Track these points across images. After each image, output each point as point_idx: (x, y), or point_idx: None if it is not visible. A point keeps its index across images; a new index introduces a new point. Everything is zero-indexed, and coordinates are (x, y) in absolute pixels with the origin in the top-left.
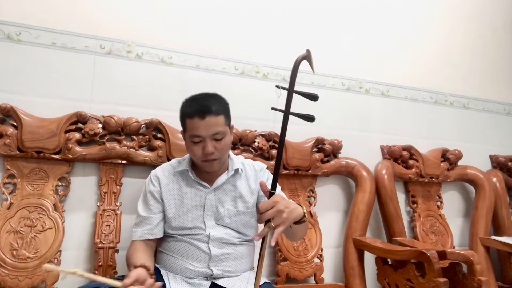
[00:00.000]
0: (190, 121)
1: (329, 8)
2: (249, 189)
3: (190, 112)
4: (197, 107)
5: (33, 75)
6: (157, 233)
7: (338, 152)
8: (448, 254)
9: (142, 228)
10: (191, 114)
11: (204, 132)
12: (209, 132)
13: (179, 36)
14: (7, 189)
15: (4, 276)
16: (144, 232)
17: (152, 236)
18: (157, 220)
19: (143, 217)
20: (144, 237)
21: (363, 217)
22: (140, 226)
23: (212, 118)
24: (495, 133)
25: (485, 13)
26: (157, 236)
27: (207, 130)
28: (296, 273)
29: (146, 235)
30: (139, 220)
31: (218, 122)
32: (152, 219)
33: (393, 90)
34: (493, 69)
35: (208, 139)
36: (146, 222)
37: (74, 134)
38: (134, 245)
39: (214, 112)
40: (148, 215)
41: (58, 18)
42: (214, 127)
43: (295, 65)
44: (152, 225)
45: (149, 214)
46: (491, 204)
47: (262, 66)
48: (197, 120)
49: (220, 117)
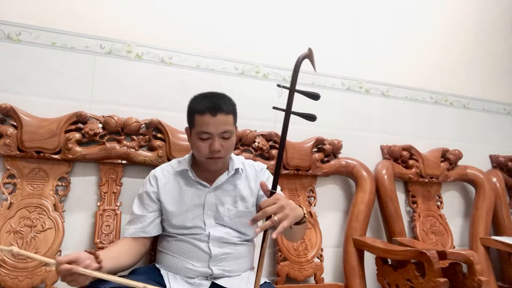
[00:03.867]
0: (200, 118)
1: (329, 8)
2: (249, 189)
3: (201, 108)
4: (209, 104)
5: (33, 75)
6: (150, 231)
7: (338, 152)
8: (448, 254)
9: (134, 226)
10: (202, 110)
11: (213, 129)
12: (218, 130)
13: (179, 36)
14: (7, 189)
15: (4, 276)
16: (136, 230)
17: (145, 234)
18: (150, 218)
19: (137, 215)
20: (136, 235)
21: (363, 217)
22: (133, 224)
23: (223, 117)
24: (495, 133)
25: (485, 13)
26: (150, 235)
27: (217, 127)
28: (296, 273)
29: (139, 233)
30: (133, 218)
31: (228, 121)
32: (146, 217)
33: (393, 90)
34: (493, 69)
35: (216, 136)
36: (140, 220)
37: (74, 134)
38: (119, 240)
39: (225, 111)
40: (142, 213)
41: (58, 18)
42: (224, 125)
43: (296, 64)
44: (145, 223)
45: (143, 213)
46: (491, 204)
47: (262, 66)
48: (208, 117)
49: (230, 116)
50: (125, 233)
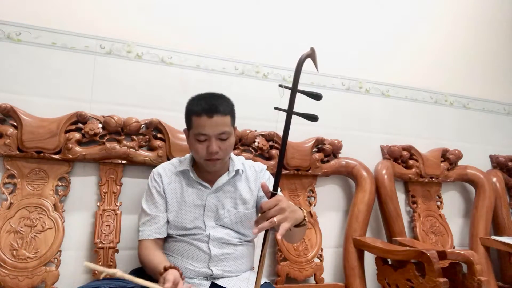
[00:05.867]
0: (197, 119)
1: (329, 8)
2: (249, 190)
3: (198, 110)
4: (205, 105)
5: (33, 75)
6: (163, 232)
7: (338, 152)
8: (448, 254)
9: (150, 227)
10: (199, 112)
11: (210, 131)
12: (215, 132)
13: (179, 36)
14: (7, 189)
15: (4, 276)
16: (152, 231)
17: (160, 236)
18: (164, 219)
19: (151, 216)
20: (152, 236)
21: (363, 217)
22: (148, 225)
23: (220, 118)
24: (495, 133)
25: (485, 13)
26: (163, 236)
27: (214, 129)
28: (296, 273)
29: (154, 234)
30: (147, 219)
31: (225, 122)
32: (159, 218)
33: (393, 90)
34: (493, 69)
35: (213, 138)
36: (154, 221)
37: (74, 134)
38: (144, 244)
39: (222, 112)
40: (155, 213)
41: (58, 18)
42: (221, 126)
43: (299, 64)
44: (159, 224)
45: (156, 213)
46: (491, 204)
47: (262, 66)
48: (205, 119)
49: (227, 118)
50: (140, 235)
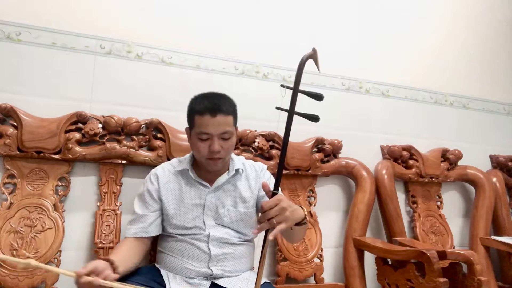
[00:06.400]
0: (200, 118)
1: (329, 8)
2: (249, 190)
3: (201, 109)
4: (208, 105)
5: (33, 75)
6: (151, 231)
7: (338, 152)
8: (448, 254)
9: (136, 226)
10: (202, 111)
11: (213, 130)
12: (218, 131)
13: (179, 36)
14: (7, 189)
15: (4, 276)
16: (138, 230)
17: (146, 234)
18: (152, 218)
19: (139, 215)
20: (138, 235)
21: (363, 217)
22: (135, 224)
23: (223, 117)
24: (495, 133)
25: (485, 13)
26: (151, 235)
27: (216, 128)
28: (296, 273)
29: (140, 233)
30: (134, 218)
31: (228, 122)
32: (147, 217)
33: (393, 90)
34: (493, 69)
35: (216, 137)
36: (141, 219)
37: (74, 134)
38: (123, 241)
39: (225, 111)
40: (143, 213)
41: (58, 18)
42: (224, 126)
43: (300, 64)
44: (146, 223)
45: (145, 212)
46: (491, 204)
47: (262, 66)
48: (208, 118)
49: (229, 117)
50: (126, 232)
